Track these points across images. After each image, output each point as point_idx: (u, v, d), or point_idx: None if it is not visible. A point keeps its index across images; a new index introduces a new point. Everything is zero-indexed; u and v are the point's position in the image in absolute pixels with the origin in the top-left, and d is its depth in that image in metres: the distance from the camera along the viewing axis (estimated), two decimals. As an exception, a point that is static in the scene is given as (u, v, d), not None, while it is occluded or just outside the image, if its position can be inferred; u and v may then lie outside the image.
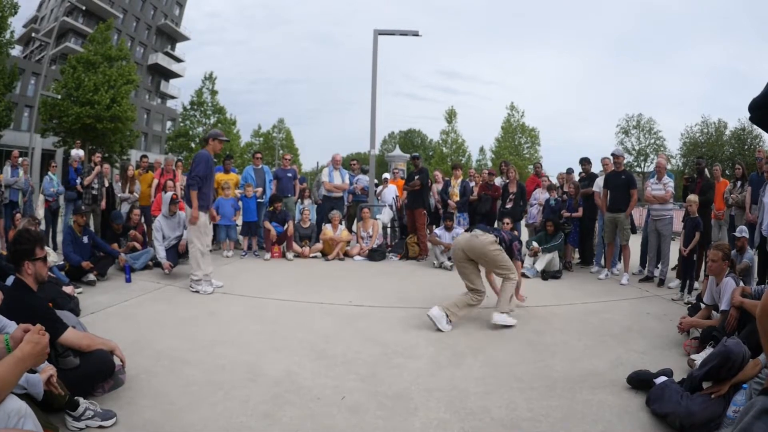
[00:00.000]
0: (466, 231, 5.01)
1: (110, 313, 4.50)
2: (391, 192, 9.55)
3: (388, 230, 9.21)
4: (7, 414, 1.79)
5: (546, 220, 7.40)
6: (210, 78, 34.25)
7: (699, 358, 3.22)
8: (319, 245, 8.26)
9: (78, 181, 8.00)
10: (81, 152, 8.78)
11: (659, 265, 6.57)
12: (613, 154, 7.03)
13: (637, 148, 38.39)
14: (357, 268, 7.45)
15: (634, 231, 7.22)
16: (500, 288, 4.49)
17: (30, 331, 1.91)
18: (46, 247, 4.07)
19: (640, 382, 2.95)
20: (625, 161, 7.22)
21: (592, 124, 71.49)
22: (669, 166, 10.37)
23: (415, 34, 10.85)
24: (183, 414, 2.55)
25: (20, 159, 8.35)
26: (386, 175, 10.37)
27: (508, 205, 8.18)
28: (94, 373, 2.65)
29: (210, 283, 5.49)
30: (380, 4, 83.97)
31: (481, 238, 4.41)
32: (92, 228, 7.43)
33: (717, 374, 2.59)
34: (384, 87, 76.37)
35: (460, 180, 8.83)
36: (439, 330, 4.14)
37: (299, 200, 9.18)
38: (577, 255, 8.25)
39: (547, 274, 6.82)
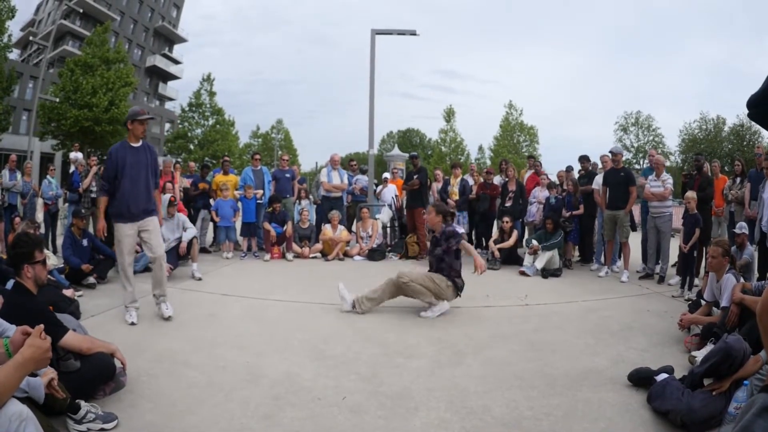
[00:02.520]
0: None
1: (110, 315, 4.49)
2: (390, 192, 9.54)
3: (388, 230, 9.21)
4: (8, 418, 1.79)
5: (545, 218, 7.40)
6: (208, 79, 34.26)
7: (700, 354, 3.22)
8: (319, 245, 8.26)
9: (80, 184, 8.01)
10: (80, 155, 8.78)
11: (659, 262, 6.57)
12: (611, 152, 7.04)
13: (635, 145, 38.49)
14: (357, 268, 7.45)
15: (633, 228, 7.22)
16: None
17: (31, 334, 1.90)
18: (46, 251, 4.06)
19: (640, 379, 2.95)
20: (623, 158, 7.22)
21: (591, 121, 71.56)
22: (668, 163, 10.35)
23: (413, 33, 10.84)
24: (184, 416, 2.55)
25: (25, 163, 8.37)
26: (386, 175, 10.36)
27: (508, 204, 8.19)
28: (95, 375, 2.65)
29: (135, 310, 4.29)
30: (376, 5, 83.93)
31: None
32: (91, 231, 7.42)
33: (718, 371, 2.59)
34: (381, 87, 76.17)
35: (459, 179, 8.83)
36: (440, 329, 4.16)
37: (298, 201, 9.18)
38: (576, 253, 8.25)
39: (546, 272, 6.82)
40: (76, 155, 11.15)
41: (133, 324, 4.17)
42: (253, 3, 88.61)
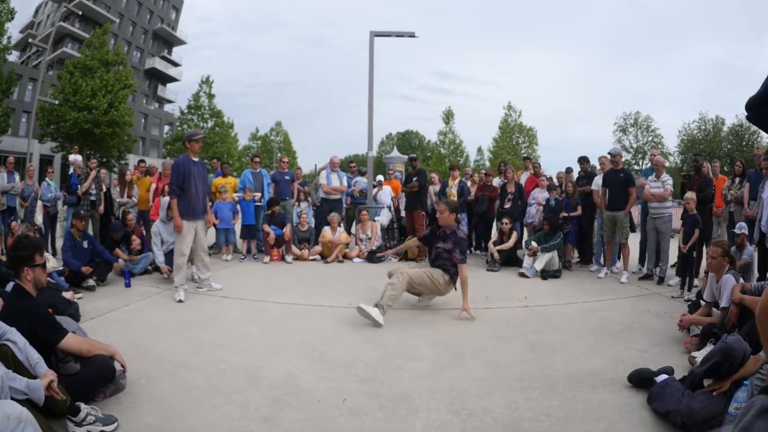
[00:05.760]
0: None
1: (110, 318, 4.49)
2: (386, 194, 9.51)
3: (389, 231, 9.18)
4: (7, 415, 1.79)
5: (543, 219, 7.40)
6: (207, 82, 34.30)
7: (700, 355, 3.23)
8: (318, 248, 8.26)
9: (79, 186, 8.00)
10: (79, 158, 8.77)
11: (659, 263, 6.57)
12: (610, 153, 7.04)
13: (635, 146, 38.55)
14: (356, 270, 7.44)
15: (633, 229, 7.22)
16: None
17: None
18: (46, 253, 4.06)
19: (641, 380, 2.95)
20: (622, 159, 7.23)
21: (590, 122, 71.75)
22: (667, 164, 10.35)
23: (411, 35, 10.86)
24: (184, 418, 2.55)
25: (27, 165, 8.38)
26: (380, 177, 10.30)
27: (507, 205, 8.19)
28: (94, 378, 2.64)
29: (184, 291, 5.27)
30: (373, 6, 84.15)
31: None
32: (91, 233, 7.41)
33: (718, 371, 2.60)
34: (379, 88, 75.52)
35: (457, 180, 8.84)
36: (440, 331, 4.16)
37: (297, 203, 9.17)
38: (576, 254, 8.26)
39: (546, 274, 6.82)
40: (75, 158, 11.11)
41: (180, 301, 5.08)
42: (251, 5, 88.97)
